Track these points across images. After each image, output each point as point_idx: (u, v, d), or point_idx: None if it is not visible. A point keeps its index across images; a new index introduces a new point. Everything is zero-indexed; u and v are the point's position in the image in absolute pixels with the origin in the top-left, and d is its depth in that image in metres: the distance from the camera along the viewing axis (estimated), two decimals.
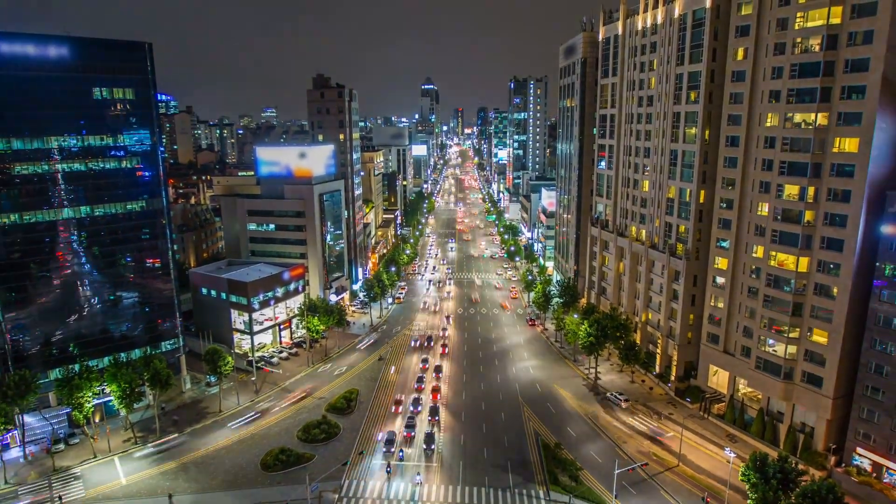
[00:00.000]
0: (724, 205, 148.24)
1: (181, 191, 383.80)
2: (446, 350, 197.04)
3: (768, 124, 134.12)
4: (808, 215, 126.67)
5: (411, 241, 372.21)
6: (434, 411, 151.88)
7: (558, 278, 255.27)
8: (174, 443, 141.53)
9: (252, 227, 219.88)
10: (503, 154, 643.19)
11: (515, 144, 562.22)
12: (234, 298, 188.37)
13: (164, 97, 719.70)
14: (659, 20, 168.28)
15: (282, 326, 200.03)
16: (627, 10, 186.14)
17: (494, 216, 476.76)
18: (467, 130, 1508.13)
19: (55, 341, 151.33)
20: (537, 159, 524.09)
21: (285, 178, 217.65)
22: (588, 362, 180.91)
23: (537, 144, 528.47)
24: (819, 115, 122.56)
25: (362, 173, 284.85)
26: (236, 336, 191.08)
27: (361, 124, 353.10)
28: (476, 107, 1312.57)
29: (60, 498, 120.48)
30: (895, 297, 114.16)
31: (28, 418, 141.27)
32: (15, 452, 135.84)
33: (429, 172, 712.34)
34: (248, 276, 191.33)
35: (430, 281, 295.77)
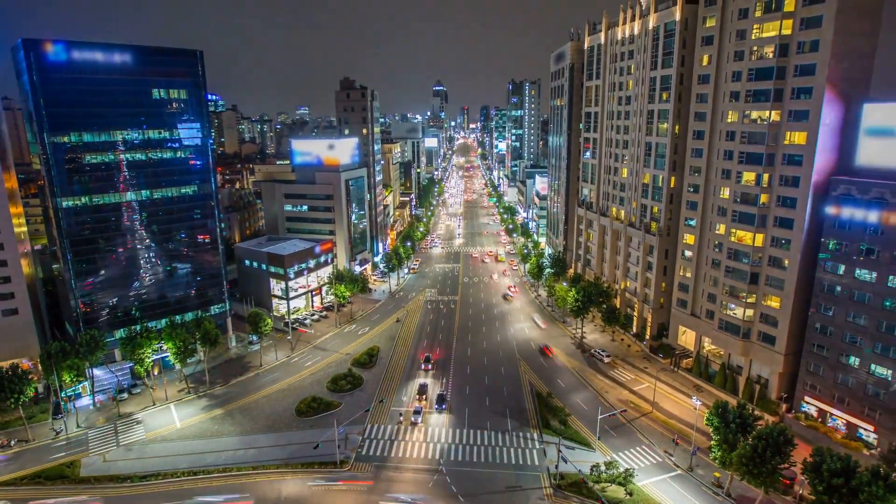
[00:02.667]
0: (692, 189, 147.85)
1: (228, 177, 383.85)
2: (454, 314, 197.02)
3: (729, 120, 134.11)
4: (763, 198, 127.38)
5: (424, 220, 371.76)
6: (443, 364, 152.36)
7: (550, 252, 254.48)
8: (222, 392, 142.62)
9: (288, 208, 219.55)
10: (503, 146, 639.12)
11: (513, 137, 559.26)
12: (272, 269, 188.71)
13: (212, 97, 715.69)
14: (636, 31, 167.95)
15: (313, 293, 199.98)
16: (609, 22, 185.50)
17: (495, 198, 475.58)
18: (472, 125, 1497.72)
19: (120, 305, 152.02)
20: (532, 150, 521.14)
21: (316, 167, 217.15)
22: (575, 324, 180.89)
23: (532, 137, 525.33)
24: (772, 112, 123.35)
25: (382, 162, 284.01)
26: (274, 301, 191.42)
27: (381, 120, 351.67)
28: (479, 105, 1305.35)
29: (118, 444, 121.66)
30: (838, 268, 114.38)
31: (97, 371, 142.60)
32: (86, 401, 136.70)
33: (439, 161, 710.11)
34: (285, 249, 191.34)
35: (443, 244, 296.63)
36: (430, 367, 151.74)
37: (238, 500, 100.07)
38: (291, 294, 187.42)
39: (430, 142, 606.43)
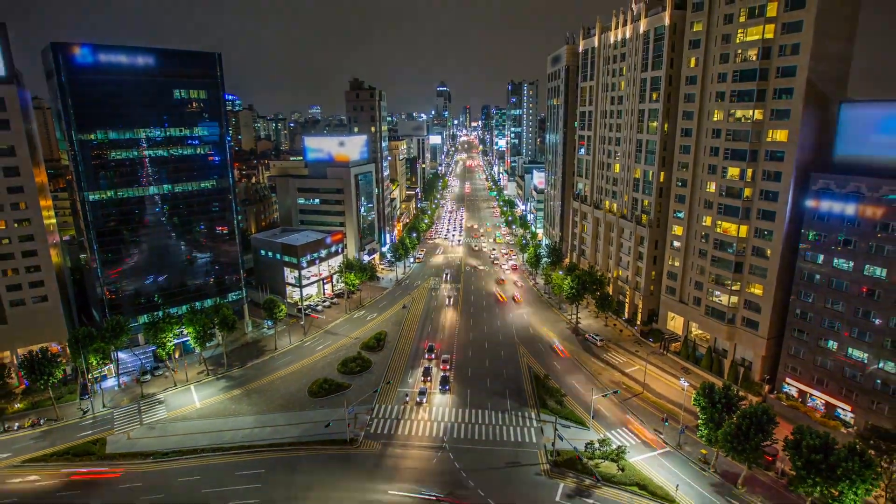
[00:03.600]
0: (680, 183, 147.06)
1: (244, 172, 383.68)
2: (456, 301, 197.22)
3: (715, 119, 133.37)
4: (746, 192, 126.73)
5: (428, 212, 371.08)
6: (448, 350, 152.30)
7: (547, 242, 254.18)
8: (239, 374, 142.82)
9: (301, 201, 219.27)
10: (502, 143, 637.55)
11: (512, 135, 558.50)
12: (286, 258, 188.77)
13: (230, 97, 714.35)
14: (627, 35, 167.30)
15: (325, 281, 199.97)
16: (602, 27, 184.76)
17: (496, 192, 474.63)
18: (474, 124, 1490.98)
19: (143, 293, 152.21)
20: (530, 147, 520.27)
21: (328, 162, 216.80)
22: (570, 310, 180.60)
23: (530, 135, 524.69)
24: (756, 111, 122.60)
25: (389, 158, 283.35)
26: (288, 288, 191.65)
27: (388, 119, 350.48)
28: (480, 104, 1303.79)
29: (141, 422, 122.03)
30: (817, 257, 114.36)
31: (121, 355, 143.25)
32: (111, 382, 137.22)
33: (442, 157, 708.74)
34: (298, 240, 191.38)
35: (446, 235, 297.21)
36: (432, 356, 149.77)
37: None
38: (304, 282, 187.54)
39: (435, 139, 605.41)
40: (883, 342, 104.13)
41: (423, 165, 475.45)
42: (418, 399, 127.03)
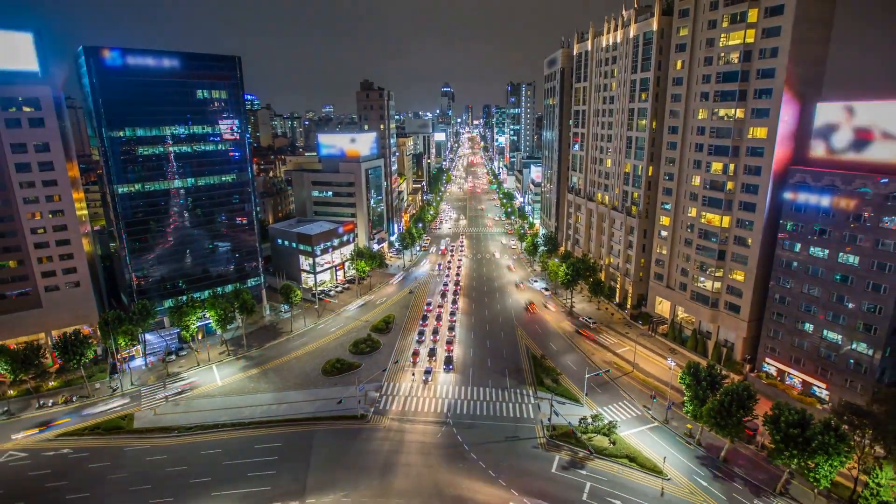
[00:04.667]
0: (667, 177, 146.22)
1: (262, 167, 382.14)
2: (458, 284, 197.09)
3: (700, 117, 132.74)
4: (729, 185, 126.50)
5: (433, 204, 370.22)
6: (451, 329, 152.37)
7: (543, 232, 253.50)
8: (257, 354, 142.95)
9: (315, 193, 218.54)
10: (502, 139, 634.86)
11: (511, 132, 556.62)
12: (302, 247, 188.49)
13: (249, 97, 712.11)
14: (618, 40, 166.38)
15: (337, 268, 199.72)
16: (595, 32, 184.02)
17: (496, 185, 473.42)
18: (475, 122, 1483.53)
19: (168, 279, 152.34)
20: (527, 143, 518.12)
21: (340, 158, 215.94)
22: (565, 294, 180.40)
23: (527, 132, 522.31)
24: (737, 110, 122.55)
25: (397, 154, 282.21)
26: (303, 275, 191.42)
27: (396, 117, 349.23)
28: (482, 104, 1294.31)
29: (166, 398, 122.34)
30: (794, 246, 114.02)
31: (148, 336, 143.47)
32: (138, 362, 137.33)
33: (446, 153, 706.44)
34: (313, 230, 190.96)
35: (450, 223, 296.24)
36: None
37: None
38: (318, 269, 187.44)
39: (439, 136, 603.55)
40: (856, 325, 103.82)
41: (429, 160, 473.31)
42: (424, 378, 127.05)
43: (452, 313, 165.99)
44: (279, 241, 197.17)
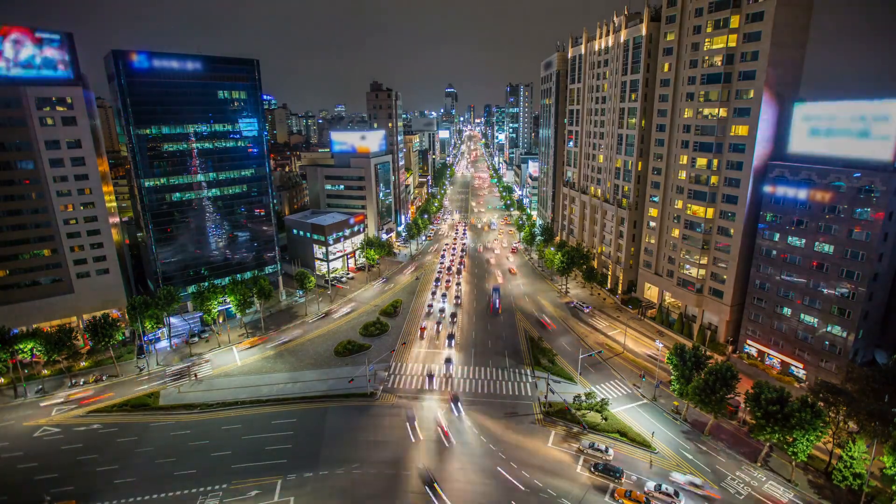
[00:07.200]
0: (655, 172, 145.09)
1: (279, 162, 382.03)
2: (461, 270, 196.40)
3: (685, 116, 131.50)
4: (713, 179, 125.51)
5: (438, 196, 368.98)
6: (454, 315, 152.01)
7: (540, 222, 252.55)
8: (274, 336, 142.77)
9: (328, 187, 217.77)
10: (502, 137, 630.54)
11: (511, 130, 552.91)
12: (315, 236, 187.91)
13: (267, 97, 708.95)
14: (610, 44, 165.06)
15: (349, 256, 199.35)
16: (588, 36, 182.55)
17: (496, 179, 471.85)
18: (477, 120, 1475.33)
19: (191, 266, 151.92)
20: (525, 140, 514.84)
21: (351, 154, 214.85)
22: (561, 281, 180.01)
23: (525, 130, 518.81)
24: (721, 109, 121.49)
25: (404, 150, 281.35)
26: (317, 263, 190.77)
27: (403, 116, 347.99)
28: (483, 104, 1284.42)
29: (195, 375, 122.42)
30: (774, 235, 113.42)
31: (173, 320, 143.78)
32: (164, 344, 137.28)
33: (450, 149, 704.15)
34: (326, 221, 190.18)
35: (453, 216, 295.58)
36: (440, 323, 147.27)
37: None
38: (331, 257, 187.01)
39: (443, 133, 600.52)
40: (830, 309, 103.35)
41: (434, 156, 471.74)
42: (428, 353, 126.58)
43: (457, 296, 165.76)
44: (294, 231, 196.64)
